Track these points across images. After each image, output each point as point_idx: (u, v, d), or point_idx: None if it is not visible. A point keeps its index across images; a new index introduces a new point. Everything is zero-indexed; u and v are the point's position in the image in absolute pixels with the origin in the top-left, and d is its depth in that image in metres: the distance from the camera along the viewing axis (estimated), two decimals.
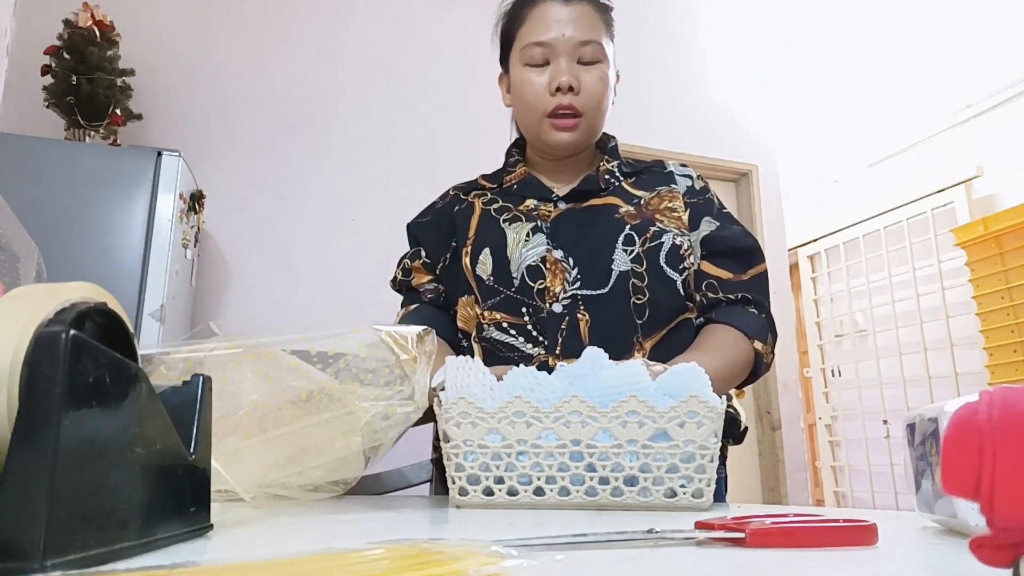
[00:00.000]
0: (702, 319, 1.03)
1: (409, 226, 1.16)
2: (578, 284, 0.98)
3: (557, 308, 0.97)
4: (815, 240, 4.19)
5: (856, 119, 3.84)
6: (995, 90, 3.03)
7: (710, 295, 1.02)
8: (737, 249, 1.05)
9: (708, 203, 1.08)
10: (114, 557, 0.32)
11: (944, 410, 0.42)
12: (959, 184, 3.23)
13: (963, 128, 3.23)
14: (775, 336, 1.02)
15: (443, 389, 0.71)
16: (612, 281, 0.98)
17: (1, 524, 0.28)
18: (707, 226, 1.05)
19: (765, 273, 1.06)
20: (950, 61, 3.24)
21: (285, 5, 2.83)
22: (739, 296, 1.02)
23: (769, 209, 3.56)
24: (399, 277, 1.13)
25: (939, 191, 3.35)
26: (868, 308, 3.78)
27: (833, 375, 3.99)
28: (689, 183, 1.10)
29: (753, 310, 1.02)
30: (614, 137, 1.15)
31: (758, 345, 0.98)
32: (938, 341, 3.30)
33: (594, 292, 0.98)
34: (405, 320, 1.09)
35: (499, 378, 0.72)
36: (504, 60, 1.10)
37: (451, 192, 1.16)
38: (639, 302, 0.98)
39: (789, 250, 3.72)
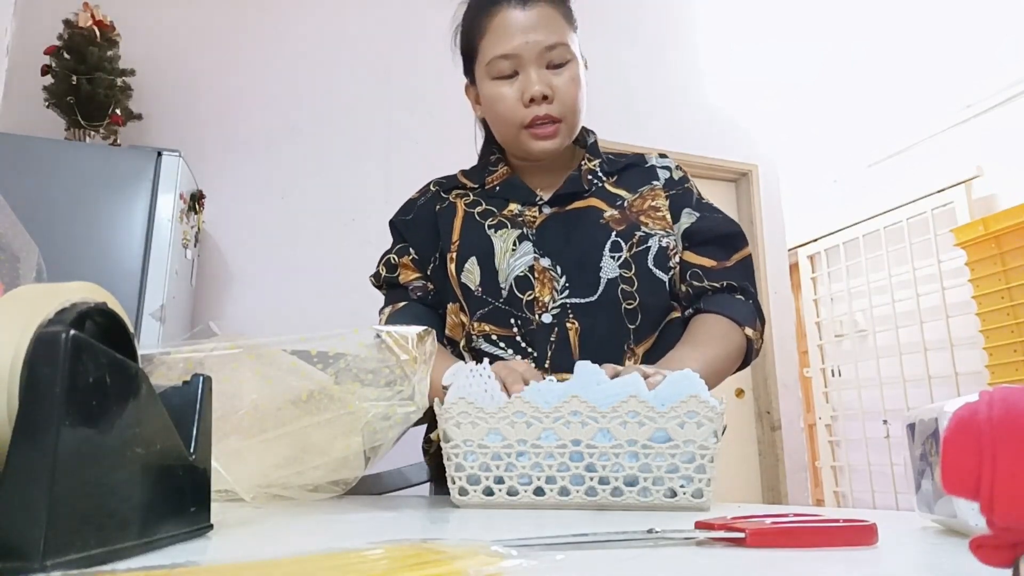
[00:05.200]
0: (691, 309, 1.02)
1: (393, 222, 1.14)
2: (567, 292, 0.97)
3: (547, 319, 0.96)
4: (815, 240, 4.19)
5: (856, 119, 3.84)
6: (995, 90, 3.03)
7: (695, 284, 1.02)
8: (719, 236, 1.04)
9: (687, 193, 1.07)
10: (114, 557, 0.32)
11: (944, 410, 0.42)
12: (959, 184, 3.23)
13: (963, 128, 3.23)
14: (763, 321, 1.02)
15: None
16: (601, 288, 0.97)
17: (1, 524, 0.28)
18: (687, 218, 1.04)
19: (749, 257, 1.05)
20: (950, 61, 3.24)
21: (285, 5, 2.84)
22: (724, 284, 1.01)
23: (769, 209, 3.57)
24: (383, 273, 1.11)
25: (939, 191, 3.35)
26: (868, 308, 3.78)
27: (833, 375, 3.99)
28: (668, 174, 1.08)
29: (740, 297, 1.01)
30: (593, 132, 1.13)
31: (749, 332, 0.98)
32: (938, 341, 3.30)
33: (583, 300, 0.97)
34: (393, 318, 1.06)
35: (503, 383, 0.73)
36: (468, 71, 1.07)
37: (431, 188, 1.13)
38: (630, 307, 0.97)
39: (789, 250, 3.72)
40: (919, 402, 3.24)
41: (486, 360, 0.75)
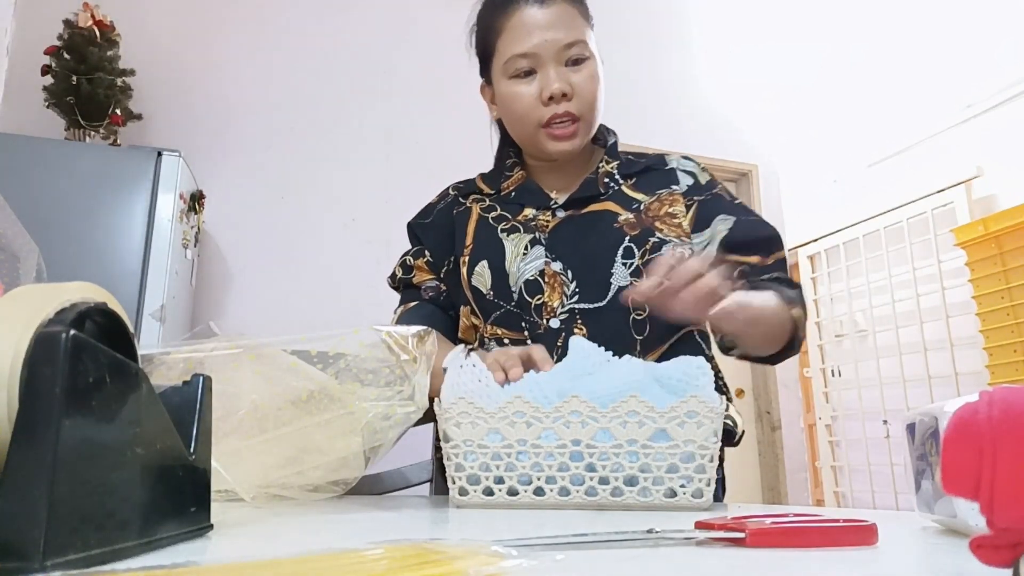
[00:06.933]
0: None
1: (410, 225, 1.14)
2: (576, 298, 0.96)
3: (555, 324, 0.96)
4: (815, 240, 4.18)
5: (856, 119, 3.84)
6: (995, 90, 3.03)
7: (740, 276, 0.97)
8: (759, 239, 1.01)
9: (716, 199, 1.04)
10: (114, 557, 0.32)
11: (944, 410, 0.42)
12: (959, 184, 3.23)
13: (963, 128, 3.23)
14: (807, 312, 0.99)
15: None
16: (610, 294, 0.96)
17: (1, 524, 0.28)
18: (723, 225, 1.01)
19: (786, 259, 1.03)
20: (950, 61, 3.24)
21: (285, 5, 2.84)
22: (771, 276, 0.98)
23: (769, 209, 3.57)
24: (399, 275, 1.11)
25: (939, 191, 3.35)
26: (868, 308, 3.78)
27: (833, 375, 3.98)
28: (691, 180, 1.05)
29: (787, 287, 0.97)
30: (614, 132, 1.12)
31: (795, 312, 0.94)
32: (938, 341, 3.30)
33: (592, 305, 0.96)
34: (404, 317, 1.07)
35: (504, 367, 0.73)
36: (484, 72, 1.06)
37: (450, 192, 1.14)
38: (639, 317, 0.96)
39: (789, 250, 3.71)
40: (919, 402, 3.24)
41: (475, 354, 0.75)
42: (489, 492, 0.67)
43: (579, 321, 0.95)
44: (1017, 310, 2.61)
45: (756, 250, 1.00)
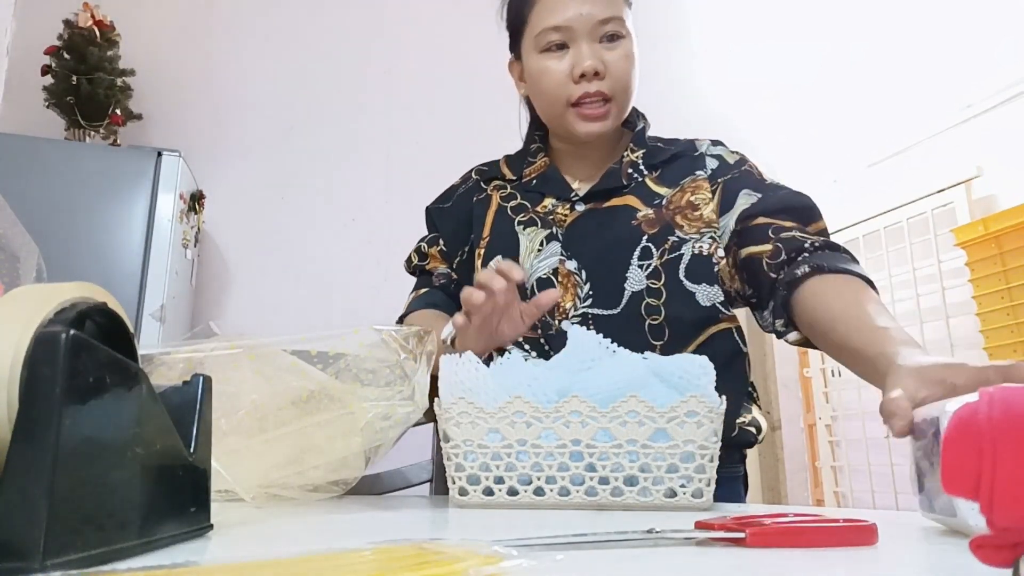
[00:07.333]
0: (805, 267, 0.83)
1: (429, 209, 1.13)
2: (589, 301, 0.93)
3: (566, 326, 0.93)
4: None
5: (856, 119, 3.84)
6: (995, 90, 3.03)
7: (784, 236, 0.86)
8: (795, 208, 0.91)
9: (744, 175, 0.98)
10: (114, 557, 0.32)
11: (944, 410, 0.43)
12: (959, 184, 3.23)
13: (963, 128, 3.23)
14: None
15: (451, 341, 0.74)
16: (624, 302, 0.92)
17: (1, 524, 0.28)
18: (746, 199, 0.94)
19: (827, 231, 0.91)
20: (950, 61, 3.24)
21: (285, 5, 2.83)
22: (821, 241, 0.86)
23: None
24: (415, 260, 1.11)
25: (939, 191, 3.35)
26: None
27: (833, 375, 3.98)
28: (717, 163, 1.00)
29: (845, 255, 0.86)
30: (644, 117, 1.07)
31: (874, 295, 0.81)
32: (938, 341, 3.30)
33: (605, 312, 0.93)
34: (415, 302, 1.07)
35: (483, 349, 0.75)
36: (514, 46, 1.03)
37: (473, 176, 1.11)
38: (655, 322, 0.91)
39: None
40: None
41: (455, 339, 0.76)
42: (489, 492, 0.67)
43: (592, 327, 0.92)
44: (1017, 310, 2.60)
45: (792, 217, 0.91)
